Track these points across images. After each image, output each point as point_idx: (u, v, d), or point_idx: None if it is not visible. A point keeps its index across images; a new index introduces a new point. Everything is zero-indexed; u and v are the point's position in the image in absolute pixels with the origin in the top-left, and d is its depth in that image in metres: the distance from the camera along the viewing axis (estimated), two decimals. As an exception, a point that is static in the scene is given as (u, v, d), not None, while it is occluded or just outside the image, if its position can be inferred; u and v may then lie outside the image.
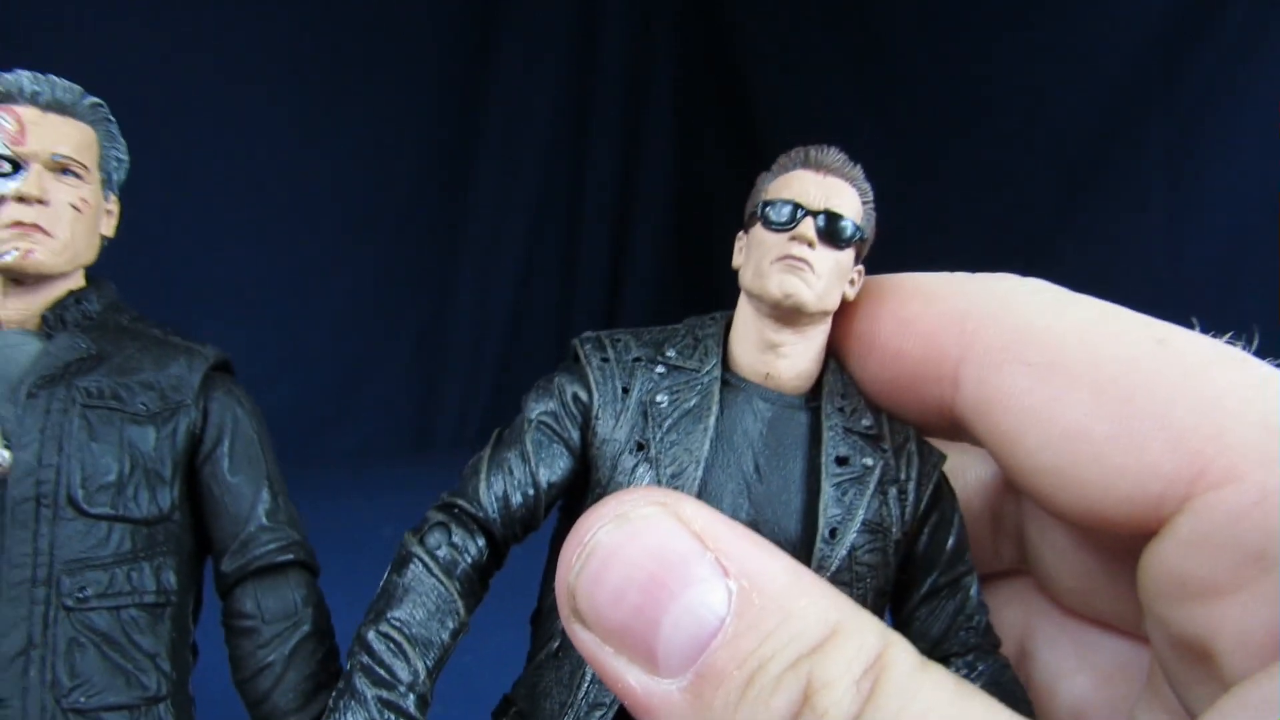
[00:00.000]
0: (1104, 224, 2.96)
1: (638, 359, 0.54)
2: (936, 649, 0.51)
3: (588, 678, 0.50)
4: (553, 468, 0.53)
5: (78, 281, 0.63)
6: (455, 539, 0.52)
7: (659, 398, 0.50)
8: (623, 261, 4.37)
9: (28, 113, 0.61)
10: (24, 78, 0.62)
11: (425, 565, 0.51)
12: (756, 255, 0.53)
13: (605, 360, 0.55)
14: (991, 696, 0.38)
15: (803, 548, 0.48)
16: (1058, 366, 0.49)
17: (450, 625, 0.50)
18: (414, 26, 3.61)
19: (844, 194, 0.54)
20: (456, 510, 0.53)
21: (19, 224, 0.58)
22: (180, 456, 0.61)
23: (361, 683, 0.49)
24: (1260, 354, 0.54)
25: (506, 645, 0.62)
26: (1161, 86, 2.84)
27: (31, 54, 2.68)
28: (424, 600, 0.49)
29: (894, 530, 0.49)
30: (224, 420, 0.63)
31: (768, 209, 0.53)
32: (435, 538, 0.52)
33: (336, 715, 0.49)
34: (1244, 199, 2.71)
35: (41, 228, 0.59)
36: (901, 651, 0.38)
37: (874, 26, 3.57)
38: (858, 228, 0.53)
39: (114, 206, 0.65)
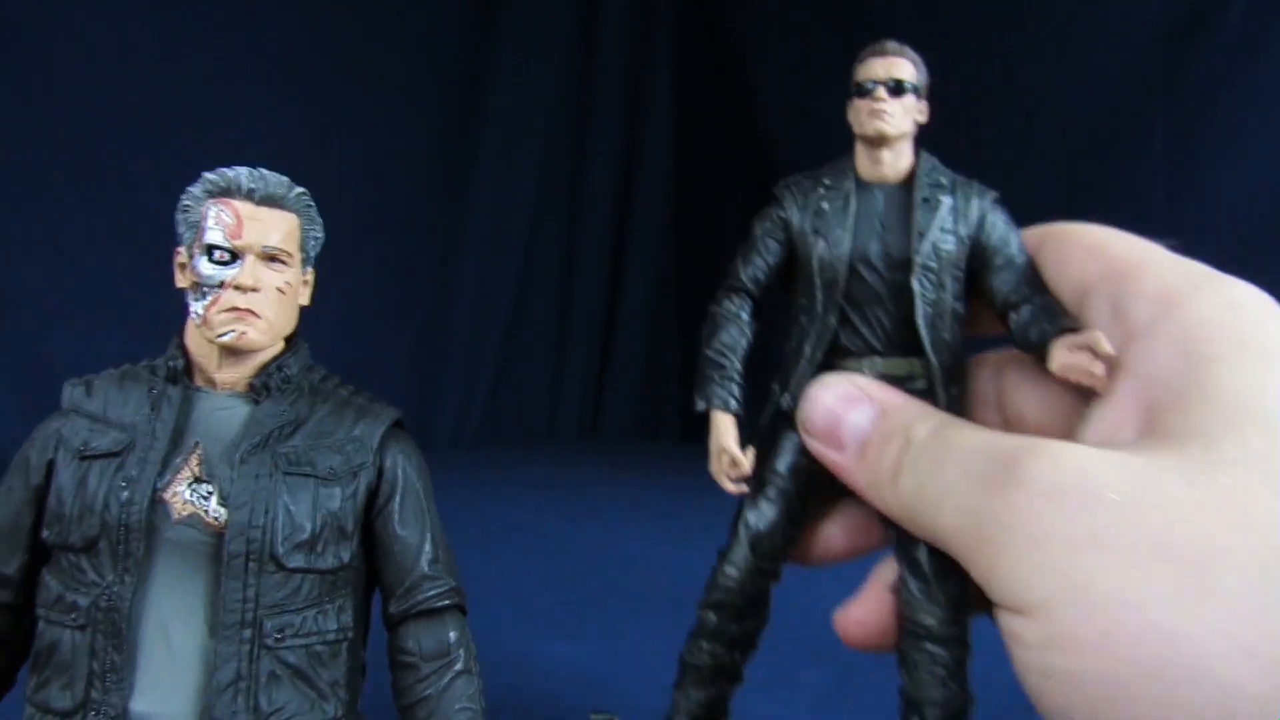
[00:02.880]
0: (1104, 224, 2.96)
1: (808, 187, 0.89)
2: (1008, 302, 0.81)
3: (805, 355, 0.87)
4: (775, 253, 0.90)
5: (279, 347, 0.71)
6: (733, 301, 0.90)
7: (823, 205, 0.89)
8: (623, 261, 4.38)
9: (244, 208, 0.68)
10: (242, 175, 0.69)
11: (723, 314, 0.89)
12: (857, 112, 0.89)
13: (791, 193, 0.90)
14: (960, 425, 0.69)
15: (908, 250, 0.85)
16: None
17: (748, 334, 0.89)
18: (414, 27, 3.62)
19: (901, 66, 0.91)
20: (732, 287, 0.90)
21: (235, 309, 0.67)
22: (360, 512, 0.69)
23: (707, 369, 0.87)
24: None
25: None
26: (1162, 86, 2.84)
27: (32, 53, 2.68)
28: (730, 328, 0.88)
29: (962, 230, 0.86)
30: (395, 478, 0.71)
31: (858, 85, 0.90)
32: (725, 303, 0.90)
33: (698, 389, 0.86)
34: (1245, 199, 2.71)
35: (254, 311, 0.67)
36: (924, 424, 0.68)
37: (874, 26, 3.57)
38: (913, 84, 0.91)
39: (310, 278, 0.74)
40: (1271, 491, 0.47)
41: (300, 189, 0.71)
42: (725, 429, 0.85)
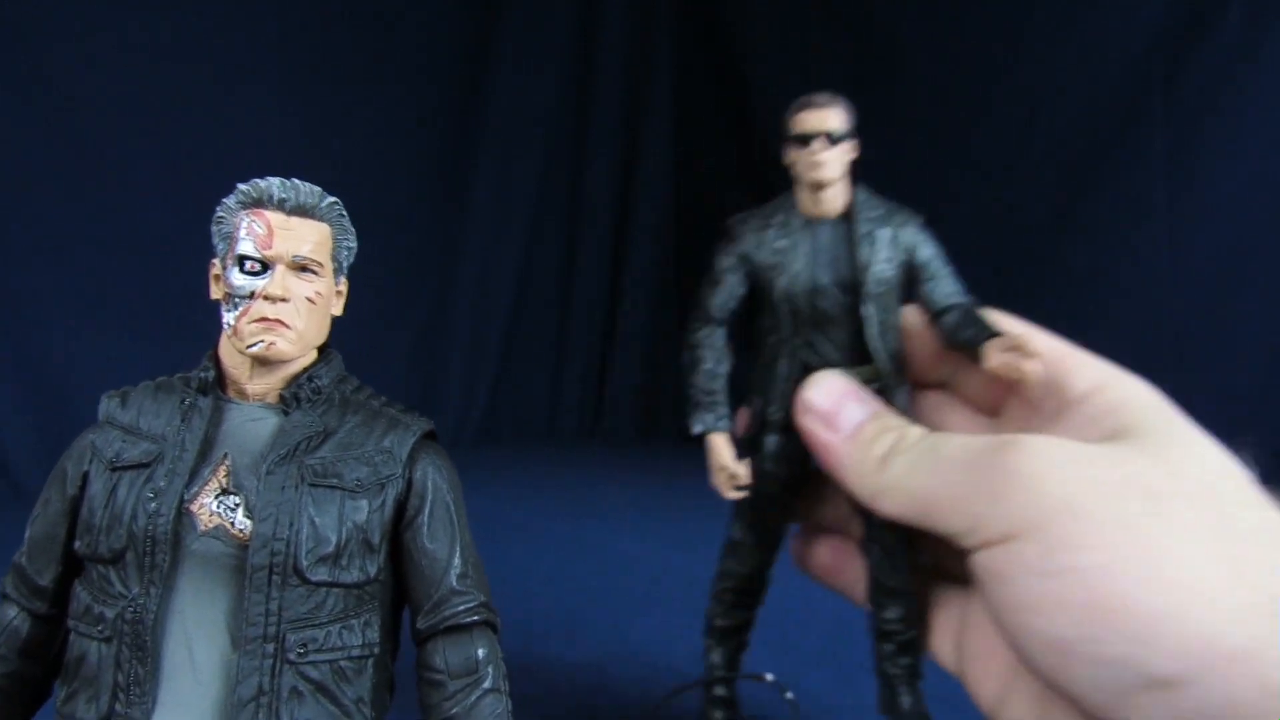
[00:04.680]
0: (1104, 224, 2.96)
1: (761, 226, 1.02)
2: (939, 307, 0.95)
3: (780, 371, 1.01)
4: (739, 286, 1.03)
5: (311, 357, 0.71)
6: (707, 330, 1.02)
7: (777, 243, 1.01)
8: (623, 260, 4.38)
9: (275, 218, 0.68)
10: (274, 185, 0.68)
11: (701, 344, 1.02)
12: (798, 162, 1.02)
13: (746, 231, 1.02)
14: (956, 437, 0.74)
15: (856, 280, 0.98)
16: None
17: (724, 364, 1.02)
18: (414, 27, 3.62)
19: (831, 117, 1.02)
20: (703, 319, 1.03)
21: (265, 319, 0.66)
22: (387, 525, 0.68)
23: (697, 397, 1.00)
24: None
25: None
26: (1162, 86, 2.84)
27: (31, 54, 2.67)
28: (708, 359, 1.01)
29: (898, 257, 0.99)
30: (425, 490, 0.69)
31: (795, 136, 1.02)
32: (700, 333, 1.02)
33: (691, 415, 1.00)
34: (1245, 199, 2.71)
35: (283, 321, 0.67)
36: (916, 428, 0.79)
37: (874, 26, 3.57)
38: (843, 133, 1.02)
39: (343, 288, 0.74)
40: (1204, 469, 0.65)
41: (332, 198, 0.71)
42: (722, 448, 0.99)
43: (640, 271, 4.38)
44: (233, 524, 0.64)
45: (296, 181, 0.69)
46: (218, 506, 0.64)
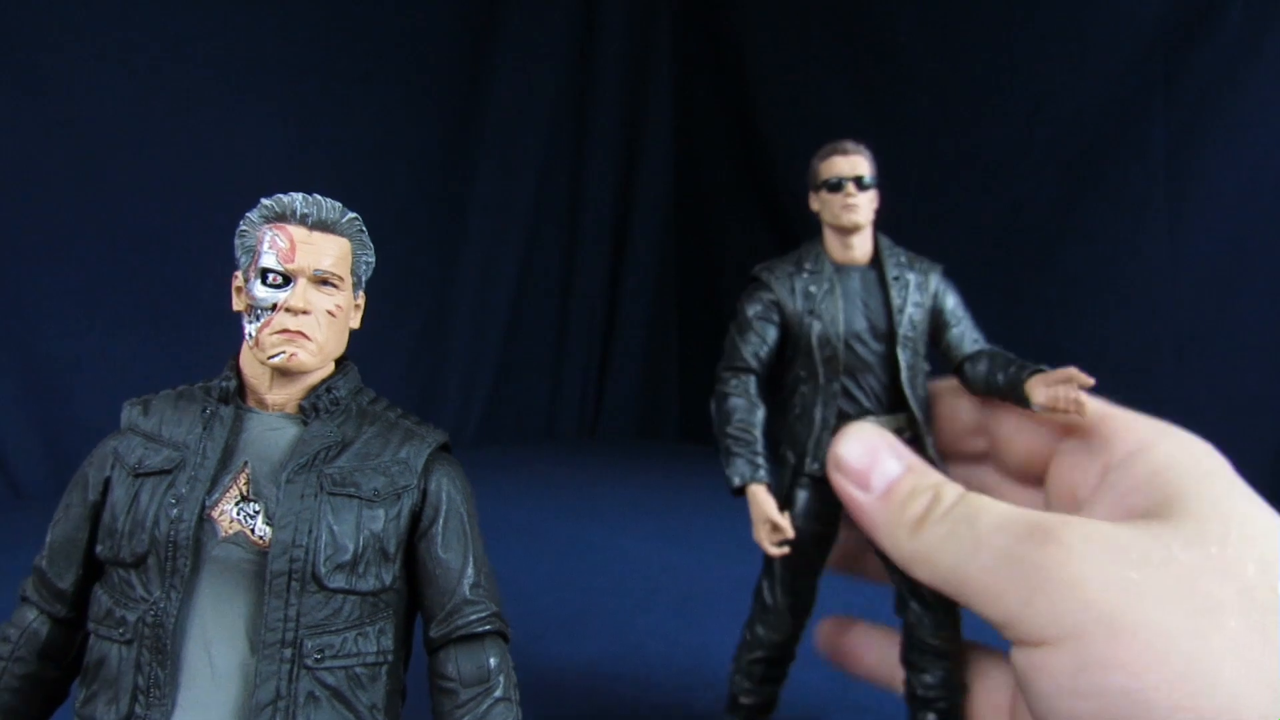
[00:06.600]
0: (1104, 224, 2.96)
1: (791, 272, 1.00)
2: (964, 354, 0.97)
3: (817, 420, 0.97)
4: (772, 334, 0.99)
5: (329, 369, 0.72)
6: (739, 380, 0.98)
7: (810, 288, 0.98)
8: (622, 261, 4.38)
9: (298, 232, 0.69)
10: (297, 200, 0.70)
11: (733, 393, 0.97)
12: (829, 206, 1.00)
13: (776, 278, 1.00)
14: (988, 498, 0.76)
15: (890, 323, 0.97)
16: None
17: (759, 413, 0.97)
18: (414, 27, 3.62)
19: (861, 164, 1.00)
20: (735, 367, 0.98)
21: (286, 331, 0.68)
22: (403, 535, 0.69)
23: (734, 447, 0.94)
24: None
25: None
26: (1162, 86, 2.84)
27: (32, 53, 2.67)
28: (742, 408, 0.96)
29: (926, 303, 0.99)
30: (439, 501, 0.71)
31: (825, 181, 1.00)
32: (731, 382, 0.98)
33: (729, 467, 0.93)
34: (1245, 198, 2.71)
35: (304, 333, 0.68)
36: (951, 488, 0.78)
37: (874, 26, 3.57)
38: (871, 179, 1.00)
39: (361, 301, 0.75)
40: (1254, 562, 0.62)
41: (353, 214, 0.72)
42: (765, 500, 0.93)
43: (640, 272, 4.38)
44: (253, 530, 0.65)
45: (319, 197, 0.71)
46: (238, 513, 0.65)
